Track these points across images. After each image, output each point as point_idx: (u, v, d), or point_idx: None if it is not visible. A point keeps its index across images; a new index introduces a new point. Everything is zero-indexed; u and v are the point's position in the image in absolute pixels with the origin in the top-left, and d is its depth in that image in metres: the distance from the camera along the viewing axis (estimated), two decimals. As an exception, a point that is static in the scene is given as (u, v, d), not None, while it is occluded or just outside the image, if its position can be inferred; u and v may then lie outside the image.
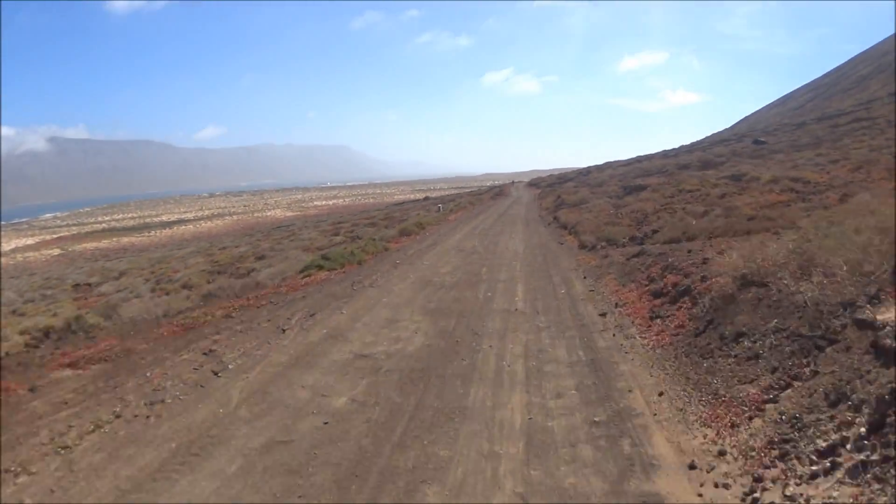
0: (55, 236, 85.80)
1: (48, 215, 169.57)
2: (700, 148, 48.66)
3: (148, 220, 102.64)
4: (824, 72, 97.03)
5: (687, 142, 67.04)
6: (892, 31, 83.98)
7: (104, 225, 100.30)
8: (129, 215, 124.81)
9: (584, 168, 62.96)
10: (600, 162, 66.73)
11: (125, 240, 63.64)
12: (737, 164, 26.37)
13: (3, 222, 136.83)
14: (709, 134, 79.37)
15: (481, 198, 47.25)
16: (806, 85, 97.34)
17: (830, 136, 29.92)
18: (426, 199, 55.33)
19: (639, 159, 54.13)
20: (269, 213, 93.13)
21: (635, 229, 14.38)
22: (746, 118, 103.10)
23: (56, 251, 58.82)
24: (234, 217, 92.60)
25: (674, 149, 59.68)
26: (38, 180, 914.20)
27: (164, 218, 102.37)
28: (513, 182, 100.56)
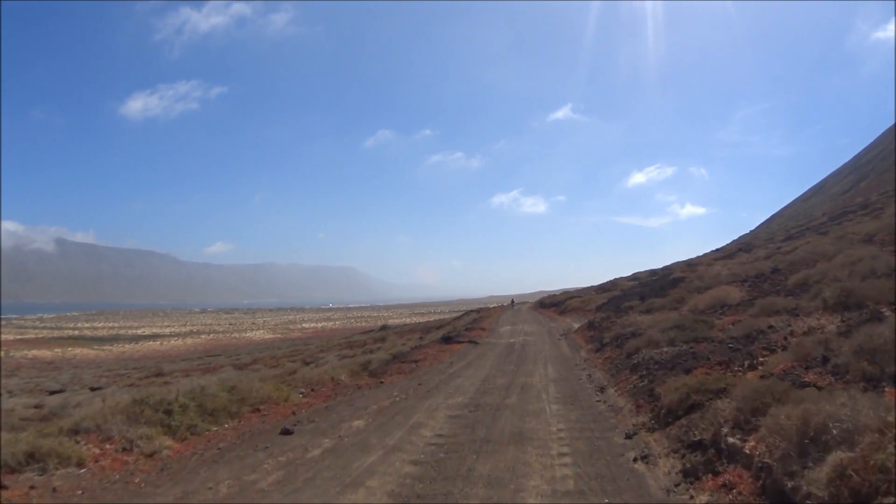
0: (18, 338, 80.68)
1: (36, 315, 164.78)
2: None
3: (122, 331, 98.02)
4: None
5: (696, 253, 54.43)
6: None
7: (75, 332, 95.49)
8: (109, 325, 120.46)
9: (627, 277, 45.26)
10: (607, 278, 52.96)
11: (77, 351, 58.78)
12: None
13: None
14: (732, 240, 65.59)
15: (416, 343, 22.67)
16: (837, 171, 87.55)
17: None
18: (383, 327, 51.28)
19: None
20: (247, 334, 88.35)
21: None
22: (780, 213, 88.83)
23: (-2, 356, 53.64)
24: (211, 336, 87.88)
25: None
26: (42, 280, 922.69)
27: (140, 331, 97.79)
28: (512, 302, 68.31)
